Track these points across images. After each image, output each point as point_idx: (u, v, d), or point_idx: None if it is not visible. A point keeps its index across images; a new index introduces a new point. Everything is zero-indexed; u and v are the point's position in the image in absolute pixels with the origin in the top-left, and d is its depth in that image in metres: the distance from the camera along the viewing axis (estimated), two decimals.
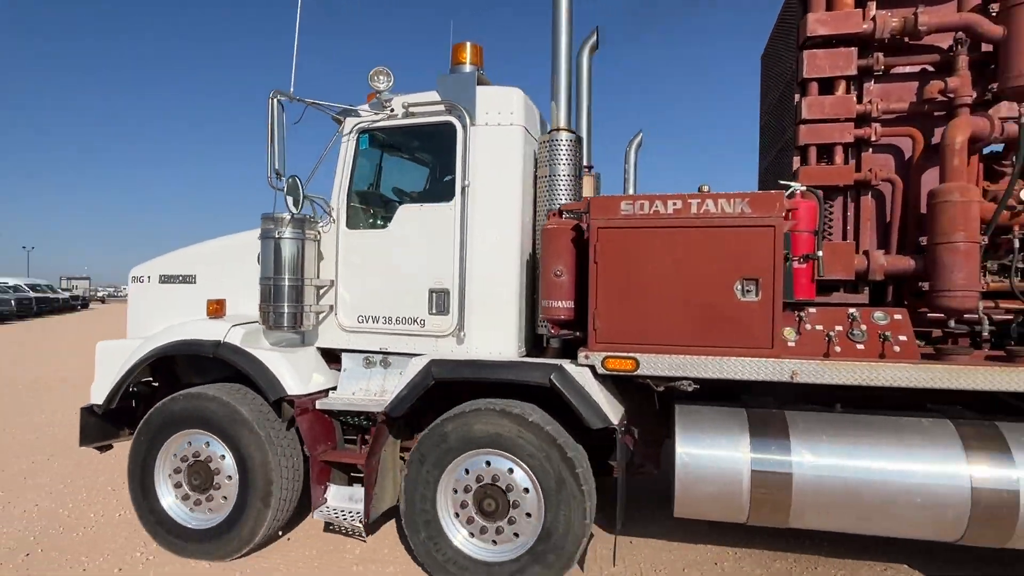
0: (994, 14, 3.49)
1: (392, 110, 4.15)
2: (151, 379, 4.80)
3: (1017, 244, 3.50)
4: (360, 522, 3.89)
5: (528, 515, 3.60)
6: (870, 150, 3.75)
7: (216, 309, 4.34)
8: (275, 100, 3.85)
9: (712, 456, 3.46)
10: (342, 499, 4.11)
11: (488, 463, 3.67)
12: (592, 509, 3.51)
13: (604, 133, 5.60)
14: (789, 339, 3.41)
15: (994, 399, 3.55)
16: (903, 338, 3.29)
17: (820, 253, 3.45)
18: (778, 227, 3.23)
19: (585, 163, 4.34)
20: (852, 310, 3.44)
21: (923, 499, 3.21)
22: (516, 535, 3.64)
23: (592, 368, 3.53)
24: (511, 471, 3.62)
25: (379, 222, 4.41)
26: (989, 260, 3.63)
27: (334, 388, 4.31)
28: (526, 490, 3.59)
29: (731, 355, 3.31)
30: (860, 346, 3.31)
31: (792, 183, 3.54)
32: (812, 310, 3.50)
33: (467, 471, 3.71)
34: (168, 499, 4.14)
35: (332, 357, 4.45)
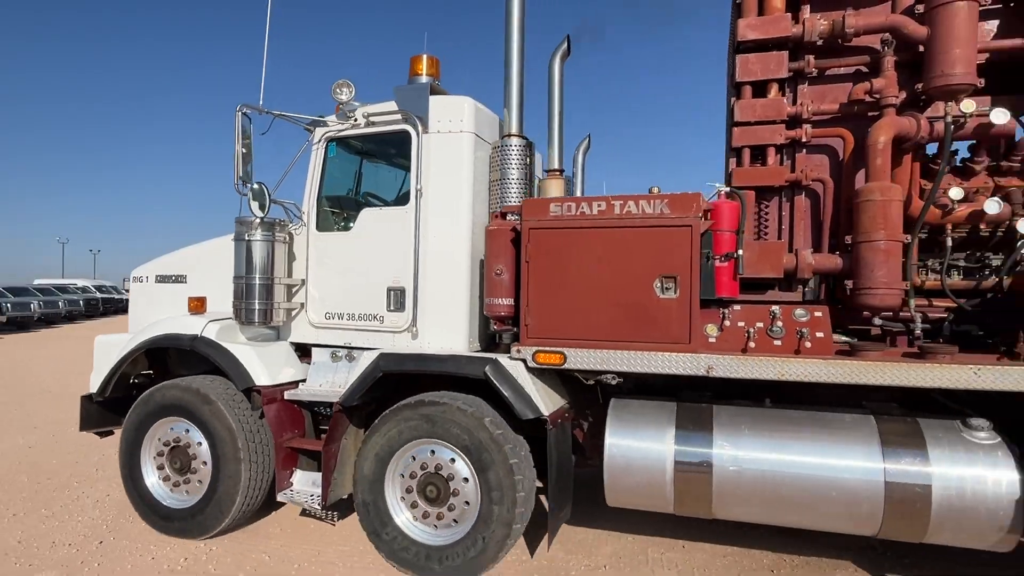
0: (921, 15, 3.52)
1: (356, 120, 4.43)
2: (151, 371, 5.22)
3: (949, 243, 3.52)
4: (319, 505, 4.17)
5: (467, 503, 3.81)
6: (804, 151, 3.81)
7: (197, 306, 4.71)
8: (240, 113, 4.18)
9: (638, 447, 3.60)
10: (306, 483, 4.41)
11: (432, 452, 3.89)
12: (522, 499, 3.67)
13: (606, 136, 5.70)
14: (711, 335, 3.52)
15: (927, 397, 3.57)
16: (820, 335, 3.36)
17: (740, 252, 3.55)
18: (695, 227, 3.36)
19: (556, 166, 4.49)
20: (775, 307, 3.52)
21: (838, 493, 3.28)
22: (455, 521, 3.85)
23: (524, 362, 3.72)
24: (453, 460, 3.83)
25: (348, 224, 4.70)
26: (930, 259, 3.65)
27: (304, 380, 4.61)
28: (465, 479, 3.80)
29: (652, 350, 3.45)
30: (777, 342, 3.39)
31: (716, 183, 3.65)
32: (737, 307, 3.60)
33: (414, 458, 3.94)
34: (151, 479, 4.51)
35: (308, 352, 4.76)
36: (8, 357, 14.48)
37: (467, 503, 3.79)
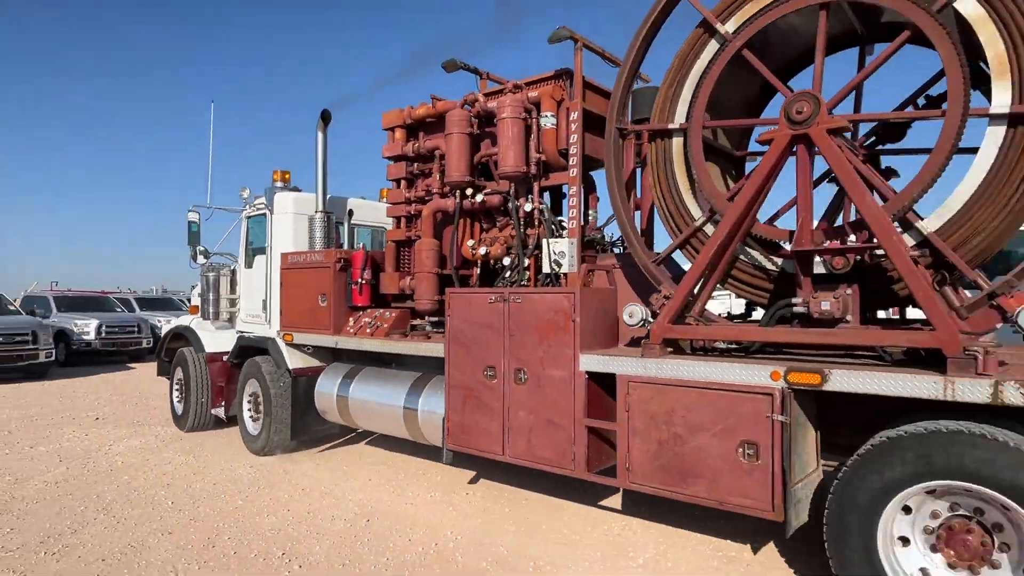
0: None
1: (254, 207, 8.02)
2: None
3: (477, 271, 5.85)
4: (224, 417, 7.83)
5: None
6: (416, 219, 6.37)
7: (193, 310, 8.75)
8: (192, 215, 8.05)
9: (326, 387, 6.59)
10: (220, 412, 8.09)
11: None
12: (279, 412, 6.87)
13: None
14: (350, 326, 6.36)
15: None
16: (386, 325, 6.00)
17: (362, 281, 6.30)
18: (333, 268, 6.28)
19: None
20: (380, 310, 6.22)
21: (388, 411, 5.91)
22: None
23: (285, 341, 6.93)
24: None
25: (252, 264, 8.28)
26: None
27: None
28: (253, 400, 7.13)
29: (320, 333, 6.44)
30: (369, 331, 6.11)
31: (362, 243, 6.46)
32: (371, 311, 6.36)
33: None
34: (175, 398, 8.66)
35: None
36: None
37: None
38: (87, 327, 15.91)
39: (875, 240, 3.42)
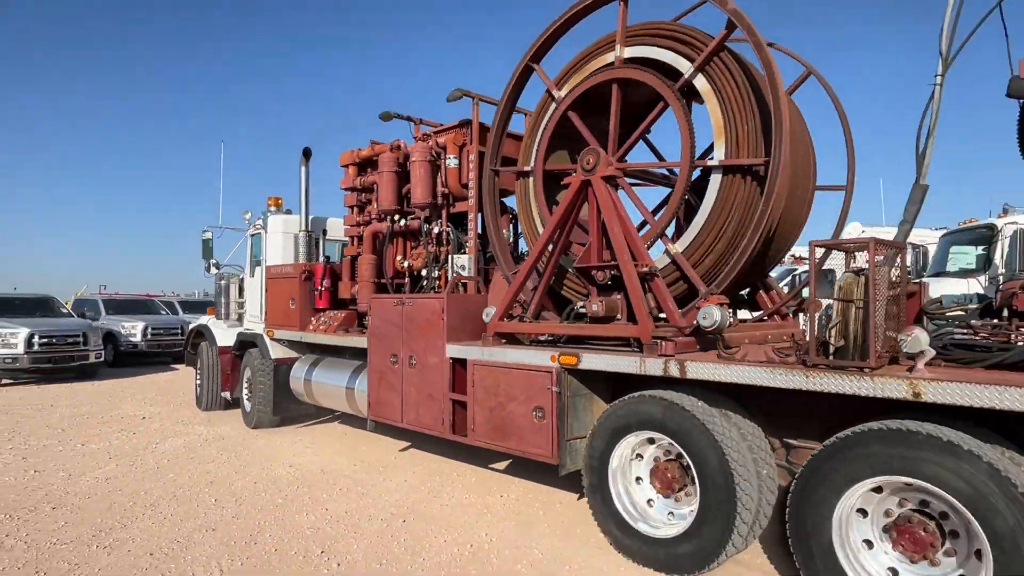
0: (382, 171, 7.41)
1: (256, 227, 9.77)
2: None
3: (408, 280, 7.33)
4: (230, 399, 9.59)
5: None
6: (368, 238, 7.91)
7: (211, 312, 10.60)
8: (206, 234, 9.88)
9: (297, 373, 8.23)
10: (227, 394, 9.87)
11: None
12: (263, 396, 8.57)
13: None
14: (312, 325, 7.95)
15: None
16: (335, 324, 7.56)
17: (320, 288, 7.88)
18: (299, 278, 7.90)
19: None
20: (334, 312, 7.79)
21: (337, 391, 7.46)
22: None
23: (269, 336, 8.61)
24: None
25: (254, 273, 10.04)
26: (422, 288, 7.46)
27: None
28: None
29: (290, 330, 8.07)
30: (323, 328, 7.69)
31: (311, 260, 8.06)
32: (328, 312, 7.93)
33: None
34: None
35: None
36: None
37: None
38: (134, 329, 16.89)
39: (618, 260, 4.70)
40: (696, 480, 4.02)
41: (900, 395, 3.15)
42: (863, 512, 3.41)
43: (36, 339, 13.13)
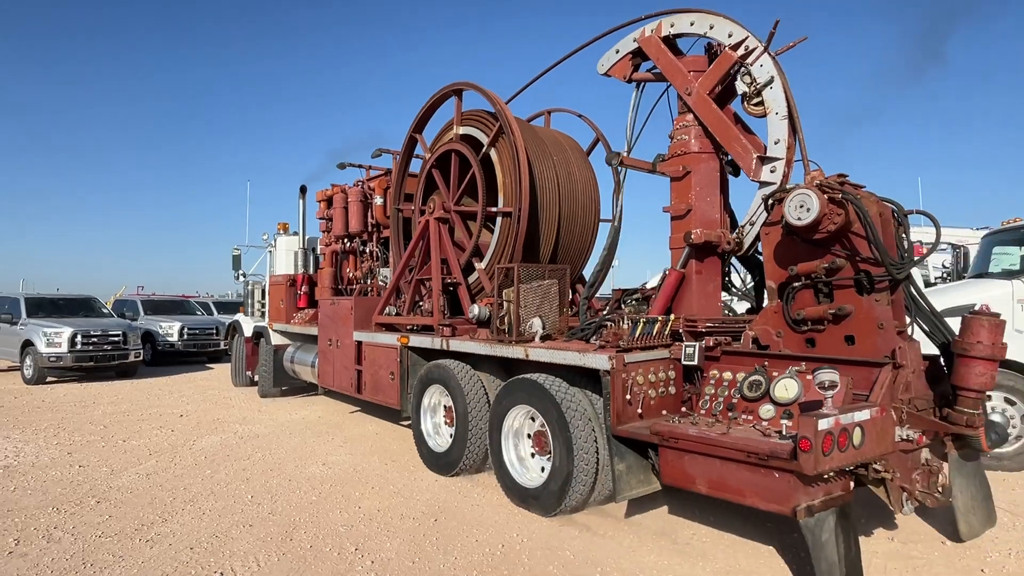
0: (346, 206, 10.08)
1: (271, 245, 12.78)
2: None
3: (358, 288, 9.98)
4: (252, 378, 12.63)
5: None
6: (329, 255, 10.61)
7: (241, 309, 13.75)
8: (236, 251, 13.02)
9: (287, 356, 11.09)
10: (250, 374, 12.91)
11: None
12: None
13: None
14: (295, 319, 10.77)
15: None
16: (307, 318, 10.33)
17: (300, 292, 10.68)
18: (286, 284, 10.78)
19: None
20: (310, 310, 10.55)
21: (306, 368, 10.21)
22: None
23: (271, 328, 11.53)
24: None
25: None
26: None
27: None
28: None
29: (281, 323, 10.95)
30: (297, 320, 10.48)
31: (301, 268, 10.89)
32: (305, 310, 10.72)
33: None
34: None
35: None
36: None
37: None
38: (171, 329, 17.20)
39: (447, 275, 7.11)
40: (455, 410, 6.38)
41: (519, 356, 5.44)
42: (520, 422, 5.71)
43: (79, 339, 13.50)
